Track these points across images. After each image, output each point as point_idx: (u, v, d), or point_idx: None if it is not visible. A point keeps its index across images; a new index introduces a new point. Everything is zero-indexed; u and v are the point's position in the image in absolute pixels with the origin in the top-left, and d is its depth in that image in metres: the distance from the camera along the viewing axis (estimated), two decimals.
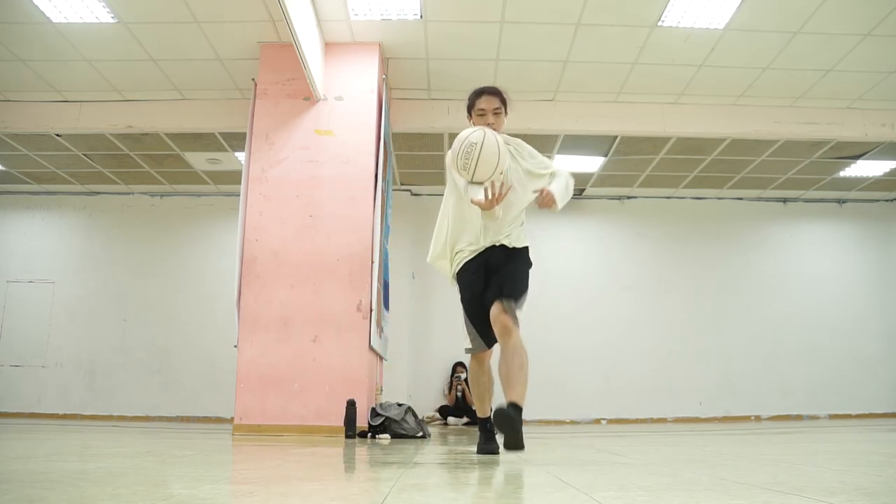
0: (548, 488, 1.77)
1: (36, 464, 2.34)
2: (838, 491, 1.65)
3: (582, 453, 3.10)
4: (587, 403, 7.93)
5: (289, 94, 5.17)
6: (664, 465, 2.48)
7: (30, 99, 6.13)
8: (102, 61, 5.52)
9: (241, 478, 2.12)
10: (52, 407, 7.79)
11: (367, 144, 5.09)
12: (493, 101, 2.93)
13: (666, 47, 5.33)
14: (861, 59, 5.43)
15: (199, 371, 7.84)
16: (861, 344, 8.24)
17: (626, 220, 8.57)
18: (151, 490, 1.70)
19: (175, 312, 8.07)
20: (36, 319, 8.07)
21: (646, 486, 1.82)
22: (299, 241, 4.90)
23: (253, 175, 5.04)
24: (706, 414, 7.95)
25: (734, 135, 6.49)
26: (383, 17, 4.97)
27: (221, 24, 5.00)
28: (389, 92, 5.78)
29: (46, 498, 1.52)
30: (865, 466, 2.33)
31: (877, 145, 6.83)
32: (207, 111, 6.17)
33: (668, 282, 8.35)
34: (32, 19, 4.88)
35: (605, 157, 7.26)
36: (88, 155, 7.20)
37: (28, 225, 8.39)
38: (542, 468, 2.33)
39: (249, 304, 4.79)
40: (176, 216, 8.40)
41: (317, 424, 4.55)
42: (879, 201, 8.68)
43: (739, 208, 8.62)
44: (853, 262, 8.56)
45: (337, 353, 4.70)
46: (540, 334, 8.04)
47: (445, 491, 1.87)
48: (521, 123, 6.27)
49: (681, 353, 8.12)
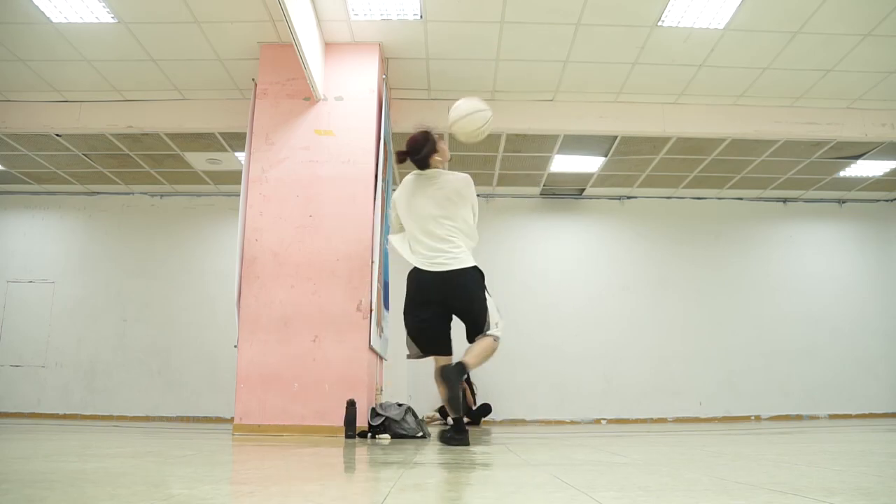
0: (548, 488, 1.77)
1: (36, 464, 2.34)
2: (838, 491, 1.65)
3: (582, 453, 3.10)
4: (587, 403, 7.94)
5: (289, 94, 5.17)
6: (664, 465, 2.48)
7: (30, 99, 6.13)
8: (102, 61, 5.52)
9: (241, 478, 2.12)
10: (52, 407, 7.79)
11: (367, 144, 5.09)
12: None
13: (666, 47, 5.33)
14: (861, 59, 5.43)
15: (199, 371, 7.84)
16: (861, 344, 8.25)
17: (625, 220, 8.57)
18: (151, 490, 1.70)
19: (175, 312, 8.07)
20: (36, 319, 8.08)
21: (646, 486, 1.82)
22: (299, 241, 4.90)
23: (253, 175, 5.04)
24: (706, 414, 7.95)
25: (734, 135, 6.49)
26: (383, 17, 4.97)
27: (221, 24, 5.00)
28: (389, 92, 5.78)
29: (46, 498, 1.52)
30: (865, 466, 2.33)
31: (877, 145, 6.83)
32: (207, 111, 6.17)
33: (668, 282, 8.35)
34: (32, 19, 4.88)
35: (605, 157, 7.26)
36: (88, 155, 7.20)
37: (28, 225, 8.40)
38: (542, 468, 2.33)
39: (249, 304, 4.79)
40: (176, 216, 8.41)
41: (317, 424, 4.55)
42: (879, 201, 8.68)
43: (739, 208, 8.62)
44: (853, 262, 8.56)
45: (337, 353, 4.70)
46: (540, 334, 8.08)
47: (445, 491, 1.87)
48: (521, 123, 6.27)
49: (681, 353, 8.12)
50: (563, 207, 8.60)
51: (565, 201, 8.61)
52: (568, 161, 7.41)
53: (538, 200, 8.59)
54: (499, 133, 6.52)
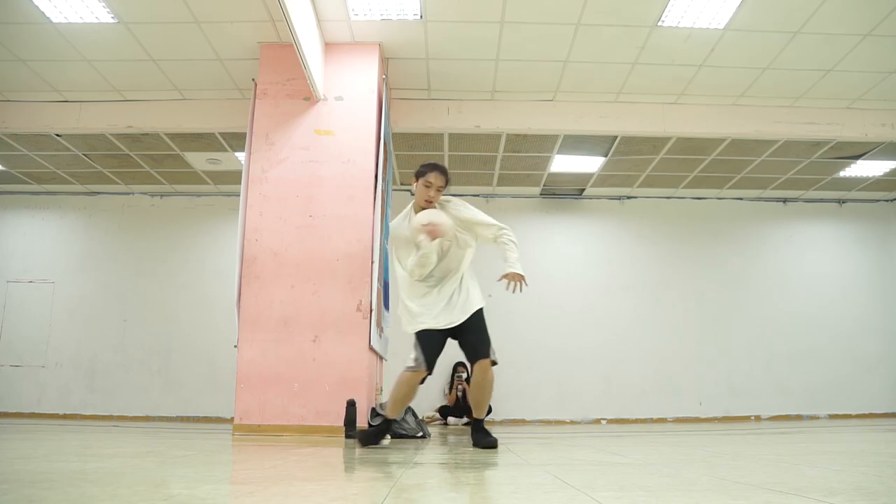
0: (548, 488, 1.77)
1: (36, 464, 2.34)
2: (838, 491, 1.65)
3: (582, 453, 3.10)
4: (587, 403, 7.94)
5: (289, 94, 5.16)
6: (664, 465, 2.48)
7: (30, 99, 6.13)
8: (102, 61, 5.52)
9: (241, 478, 2.11)
10: (52, 407, 7.79)
11: (367, 144, 5.08)
12: (440, 178, 3.47)
13: (666, 47, 5.33)
14: (861, 59, 5.42)
15: (199, 371, 7.84)
16: (861, 344, 8.25)
17: (626, 220, 8.57)
18: (151, 490, 1.70)
19: (175, 312, 8.07)
20: (36, 319, 8.07)
21: (646, 486, 1.82)
22: (299, 241, 4.89)
23: (253, 175, 5.03)
24: (706, 414, 7.95)
25: (734, 135, 6.49)
26: (383, 17, 4.97)
27: (221, 24, 5.00)
28: (389, 92, 5.78)
29: (46, 498, 1.52)
30: (865, 466, 2.33)
31: (877, 145, 6.83)
32: (207, 111, 6.17)
33: (668, 282, 8.35)
34: (32, 19, 4.88)
35: (605, 157, 7.26)
36: (88, 155, 7.20)
37: (28, 225, 8.40)
38: (542, 468, 2.33)
39: (249, 304, 4.79)
40: (176, 216, 8.40)
41: (317, 424, 4.55)
42: (879, 201, 8.68)
43: (739, 208, 8.62)
44: (853, 262, 8.56)
45: (337, 353, 4.70)
46: (540, 334, 8.08)
47: (445, 491, 1.87)
48: (521, 123, 6.27)
49: (681, 353, 8.12)
50: (563, 207, 8.60)
51: (565, 201, 8.61)
52: (568, 161, 7.41)
53: (538, 200, 8.59)
54: (499, 133, 6.52)
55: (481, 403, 3.53)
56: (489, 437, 3.43)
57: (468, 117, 6.14)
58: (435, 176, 3.48)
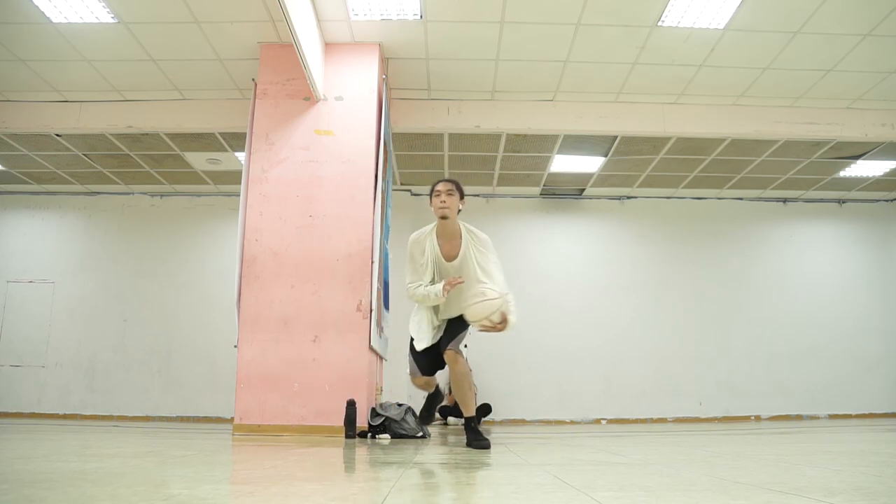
0: (548, 488, 1.77)
1: (36, 464, 2.34)
2: (838, 491, 1.65)
3: (582, 453, 3.10)
4: (587, 403, 7.94)
5: (289, 94, 5.17)
6: (664, 465, 2.48)
7: (30, 99, 6.13)
8: (102, 61, 5.52)
9: (241, 478, 2.12)
10: (52, 407, 7.79)
11: (367, 144, 5.09)
12: (447, 185, 3.61)
13: (666, 47, 5.33)
14: (861, 59, 5.43)
15: (199, 371, 7.84)
16: (861, 344, 8.25)
17: (626, 220, 8.57)
18: (152, 490, 1.70)
19: (175, 312, 8.07)
20: (36, 319, 8.07)
21: (646, 486, 1.82)
22: (299, 241, 4.90)
23: (253, 175, 5.04)
24: (706, 414, 7.95)
25: (734, 135, 6.49)
26: (383, 17, 4.97)
27: (221, 24, 5.00)
28: (389, 92, 5.78)
29: (46, 498, 1.52)
30: (865, 466, 2.33)
31: (877, 145, 6.83)
32: (207, 111, 6.17)
33: (668, 282, 8.35)
34: (32, 19, 4.88)
35: (605, 157, 7.26)
36: (88, 155, 7.20)
37: (28, 225, 8.40)
38: (542, 468, 2.33)
39: (249, 304, 4.79)
40: (176, 216, 8.40)
41: (317, 424, 4.55)
42: (879, 201, 8.68)
43: (739, 208, 8.62)
44: (853, 262, 8.56)
45: (337, 354, 4.70)
46: (540, 335, 8.08)
47: (445, 491, 1.87)
48: (521, 123, 6.27)
49: (681, 353, 8.12)
50: (563, 207, 8.60)
51: (565, 201, 8.61)
52: (568, 161, 7.41)
53: (538, 200, 8.59)
54: (499, 133, 6.52)
55: (463, 400, 3.56)
56: (480, 438, 3.42)
57: (468, 117, 6.15)
58: (441, 184, 3.62)
